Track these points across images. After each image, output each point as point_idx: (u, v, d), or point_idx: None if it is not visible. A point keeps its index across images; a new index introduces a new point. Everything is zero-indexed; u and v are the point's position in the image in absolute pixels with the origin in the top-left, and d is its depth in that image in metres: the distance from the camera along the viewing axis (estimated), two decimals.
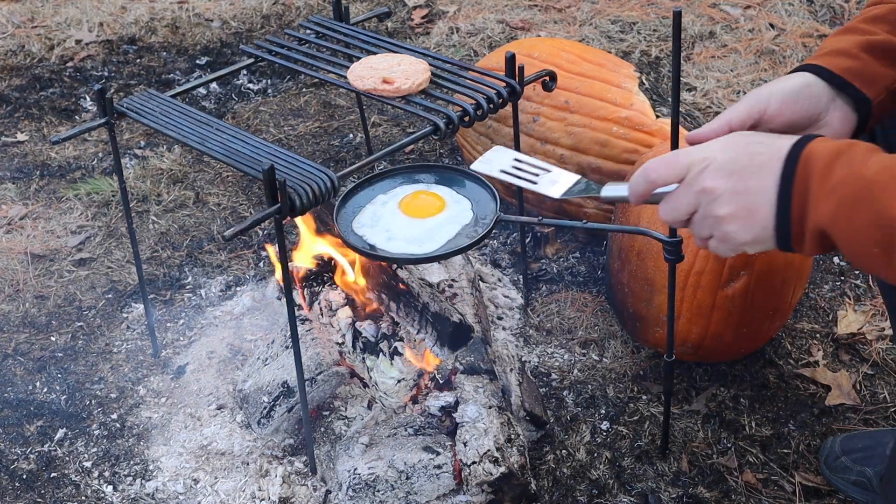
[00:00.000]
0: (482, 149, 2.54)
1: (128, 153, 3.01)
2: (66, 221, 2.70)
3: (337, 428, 1.94)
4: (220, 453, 1.96)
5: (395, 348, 1.98)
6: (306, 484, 1.88)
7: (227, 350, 2.20)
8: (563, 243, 2.51)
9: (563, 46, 2.51)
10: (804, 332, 2.22)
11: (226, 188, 2.81)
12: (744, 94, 3.07)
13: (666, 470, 1.91)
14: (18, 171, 2.96)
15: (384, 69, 1.86)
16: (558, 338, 2.23)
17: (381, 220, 1.73)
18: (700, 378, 2.11)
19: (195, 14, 3.84)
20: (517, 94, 1.87)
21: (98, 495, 1.91)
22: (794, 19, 3.52)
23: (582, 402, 2.07)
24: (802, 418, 2.01)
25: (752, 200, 1.11)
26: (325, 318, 2.06)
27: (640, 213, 2.02)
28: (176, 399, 2.10)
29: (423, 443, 1.82)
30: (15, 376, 2.20)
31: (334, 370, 1.93)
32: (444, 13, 3.75)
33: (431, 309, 1.99)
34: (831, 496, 1.85)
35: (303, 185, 1.57)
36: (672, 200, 1.18)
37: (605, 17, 3.61)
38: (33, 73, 3.49)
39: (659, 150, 2.10)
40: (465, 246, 1.67)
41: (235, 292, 2.41)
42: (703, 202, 1.14)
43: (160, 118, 1.82)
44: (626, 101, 2.34)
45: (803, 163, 1.08)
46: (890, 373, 2.11)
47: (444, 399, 1.90)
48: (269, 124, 3.14)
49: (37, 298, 2.43)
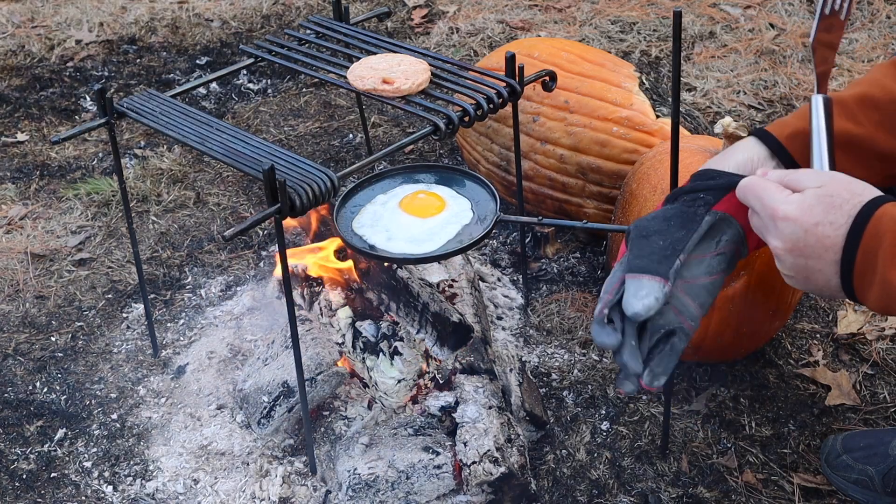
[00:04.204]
0: (482, 149, 2.54)
1: (128, 153, 3.01)
2: (66, 221, 2.70)
3: (337, 428, 1.94)
4: (220, 453, 1.96)
5: (395, 348, 1.98)
6: (306, 484, 1.88)
7: (227, 350, 2.20)
8: (563, 243, 2.51)
9: (563, 46, 2.51)
10: (804, 332, 2.22)
11: (226, 188, 2.81)
12: (744, 94, 3.08)
13: (666, 470, 1.91)
14: (18, 171, 2.96)
15: (384, 69, 1.86)
16: (558, 338, 2.23)
17: (381, 220, 1.73)
18: (700, 378, 2.11)
19: (195, 14, 3.84)
20: (517, 94, 1.87)
21: (98, 495, 1.91)
22: (794, 19, 3.52)
23: (582, 402, 2.07)
24: (802, 418, 2.01)
25: (810, 275, 1.18)
26: (325, 318, 2.06)
27: (640, 213, 2.02)
28: (176, 399, 2.10)
29: (423, 443, 1.82)
30: (15, 376, 2.20)
31: (334, 370, 1.93)
32: (444, 13, 3.75)
33: (431, 309, 1.99)
34: (831, 496, 1.85)
35: (303, 185, 1.57)
36: (752, 217, 1.26)
37: (605, 17, 3.61)
38: (33, 73, 3.49)
39: (659, 150, 2.10)
40: (465, 246, 1.67)
41: (235, 292, 2.41)
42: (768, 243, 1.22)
43: (160, 118, 1.82)
44: (626, 101, 2.34)
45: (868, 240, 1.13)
46: (890, 373, 2.11)
47: (444, 399, 1.90)
48: (269, 124, 3.14)
49: (37, 298, 2.43)
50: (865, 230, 1.13)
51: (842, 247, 1.14)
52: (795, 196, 1.18)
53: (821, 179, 1.19)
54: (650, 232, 1.30)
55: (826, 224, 1.15)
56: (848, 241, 1.14)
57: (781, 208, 1.18)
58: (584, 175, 2.35)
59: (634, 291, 1.24)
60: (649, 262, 1.26)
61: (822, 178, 1.19)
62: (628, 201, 2.07)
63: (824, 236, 1.15)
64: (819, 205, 1.16)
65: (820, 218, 1.15)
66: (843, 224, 1.14)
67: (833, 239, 1.14)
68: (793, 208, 1.17)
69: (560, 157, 2.36)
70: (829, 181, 1.18)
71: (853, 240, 1.13)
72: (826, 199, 1.16)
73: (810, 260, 1.16)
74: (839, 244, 1.14)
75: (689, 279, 1.30)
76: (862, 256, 1.13)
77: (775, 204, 1.18)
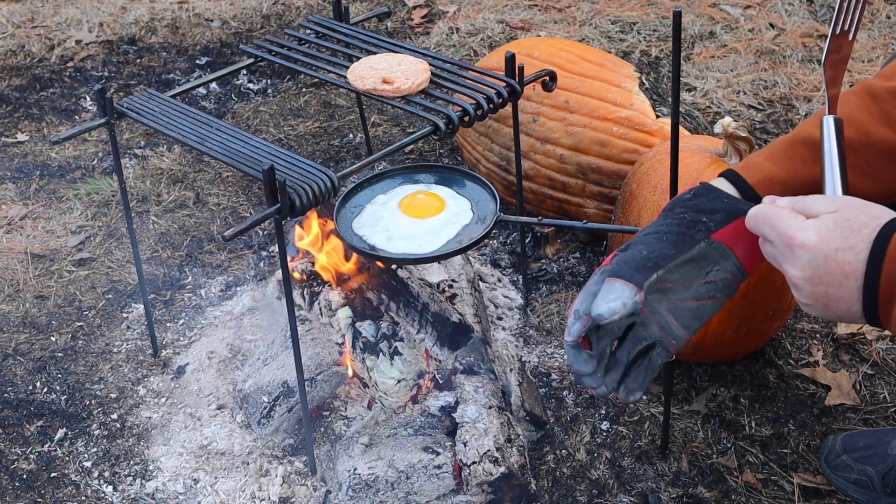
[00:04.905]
0: (482, 149, 2.54)
1: (128, 153, 3.01)
2: (66, 221, 2.70)
3: (337, 428, 1.94)
4: (220, 453, 1.96)
5: (395, 348, 1.98)
6: (306, 484, 1.88)
7: (227, 350, 2.20)
8: (563, 243, 2.51)
9: (563, 46, 2.51)
10: (804, 332, 2.22)
11: (226, 188, 2.81)
12: (744, 94, 3.08)
13: (666, 470, 1.91)
14: (18, 171, 2.96)
15: (384, 69, 1.86)
16: (558, 338, 2.23)
17: (381, 220, 1.73)
18: (700, 378, 2.11)
19: (195, 14, 3.84)
20: (517, 94, 1.87)
21: (98, 495, 1.91)
22: (794, 19, 3.52)
23: (582, 402, 2.07)
24: (802, 418, 2.01)
25: (830, 302, 1.14)
26: (325, 318, 2.06)
27: (640, 213, 2.02)
28: (176, 399, 2.10)
29: (423, 443, 1.82)
30: (15, 376, 2.20)
31: (334, 370, 1.93)
32: (444, 13, 3.75)
33: (431, 309, 1.99)
34: (831, 496, 1.85)
35: (303, 185, 1.57)
36: (764, 246, 1.22)
37: (605, 17, 3.61)
38: (33, 73, 3.49)
39: (659, 150, 2.10)
40: (465, 246, 1.67)
41: (235, 292, 2.41)
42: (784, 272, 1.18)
43: (160, 118, 1.82)
44: (626, 101, 2.34)
45: (891, 264, 1.09)
46: (890, 373, 2.11)
47: (444, 399, 1.90)
48: (269, 124, 3.14)
49: (37, 298, 2.43)
50: (886, 254, 1.09)
51: (863, 273, 1.10)
52: (812, 222, 1.14)
53: (835, 204, 1.15)
54: (637, 241, 1.29)
55: (846, 249, 1.11)
56: (869, 266, 1.10)
57: (798, 235, 1.13)
58: (584, 175, 2.35)
59: (605, 294, 1.23)
60: (626, 268, 1.25)
61: (836, 202, 1.16)
62: (628, 201, 2.07)
63: (844, 262, 1.11)
64: (837, 230, 1.12)
65: (839, 244, 1.11)
66: (864, 249, 1.10)
67: (854, 265, 1.11)
68: (810, 234, 1.12)
69: (560, 157, 2.36)
70: (843, 206, 1.14)
71: (875, 264, 1.10)
72: (844, 224, 1.12)
73: (830, 288, 1.12)
74: (860, 270, 1.11)
75: (674, 301, 1.28)
76: (885, 281, 1.09)
77: (791, 231, 1.14)
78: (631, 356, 1.31)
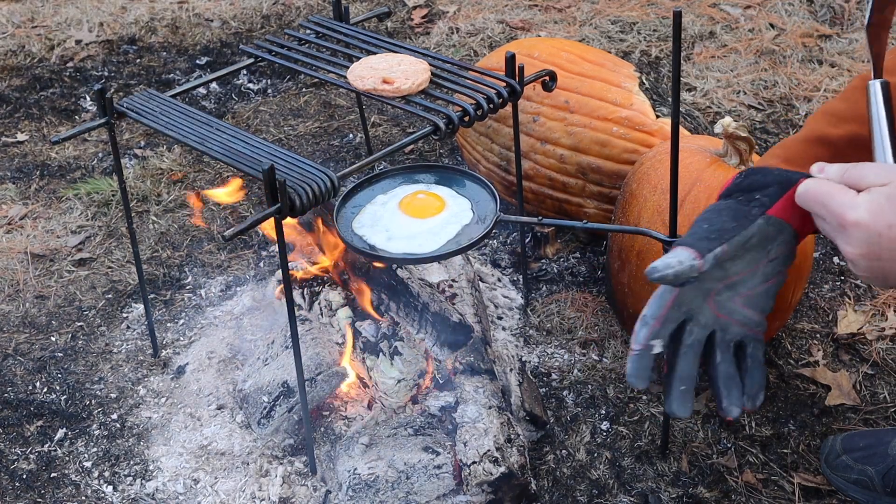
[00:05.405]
0: (482, 149, 2.54)
1: (128, 153, 3.01)
2: (66, 221, 2.70)
3: (337, 428, 1.94)
4: (220, 453, 1.96)
5: (395, 348, 1.98)
6: (306, 484, 1.88)
7: (227, 350, 2.20)
8: (563, 243, 2.51)
9: (563, 46, 2.51)
10: (804, 332, 2.22)
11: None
12: (744, 94, 3.08)
13: (666, 470, 1.91)
14: (18, 171, 2.96)
15: (384, 69, 1.86)
16: (558, 338, 2.23)
17: (381, 220, 1.73)
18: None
19: (195, 14, 3.84)
20: (517, 94, 1.87)
21: (98, 495, 1.91)
22: (794, 19, 3.52)
23: (582, 402, 2.07)
24: (802, 418, 2.01)
25: (889, 275, 1.12)
26: (325, 318, 2.06)
27: (640, 213, 2.02)
28: (176, 399, 2.10)
29: (423, 443, 1.82)
30: (15, 376, 2.20)
31: (334, 370, 1.93)
32: (444, 13, 3.75)
33: (431, 309, 1.99)
34: (831, 496, 1.85)
35: (303, 185, 1.57)
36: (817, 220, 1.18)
37: (605, 17, 3.61)
38: (33, 73, 3.49)
39: (659, 150, 2.10)
40: (465, 246, 1.67)
41: (235, 292, 2.41)
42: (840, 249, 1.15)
43: (160, 118, 1.82)
44: (626, 101, 2.34)
45: None
46: (890, 373, 2.11)
47: (444, 399, 1.90)
48: (269, 124, 3.14)
49: (37, 298, 2.43)
50: None
51: None
52: (862, 198, 1.11)
53: (887, 175, 1.12)
54: (698, 220, 1.27)
55: None
56: None
57: (850, 214, 1.11)
58: (584, 175, 2.35)
59: (665, 257, 1.20)
60: (689, 237, 1.23)
61: (888, 173, 1.12)
62: (628, 201, 2.07)
63: None
64: (889, 204, 1.09)
65: (892, 219, 1.09)
66: None
67: None
68: (862, 212, 1.10)
69: (560, 157, 2.35)
70: (895, 177, 1.12)
71: None
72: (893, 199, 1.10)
73: (886, 262, 1.10)
74: None
75: (746, 292, 1.26)
76: None
77: (843, 210, 1.12)
78: (728, 362, 1.28)
